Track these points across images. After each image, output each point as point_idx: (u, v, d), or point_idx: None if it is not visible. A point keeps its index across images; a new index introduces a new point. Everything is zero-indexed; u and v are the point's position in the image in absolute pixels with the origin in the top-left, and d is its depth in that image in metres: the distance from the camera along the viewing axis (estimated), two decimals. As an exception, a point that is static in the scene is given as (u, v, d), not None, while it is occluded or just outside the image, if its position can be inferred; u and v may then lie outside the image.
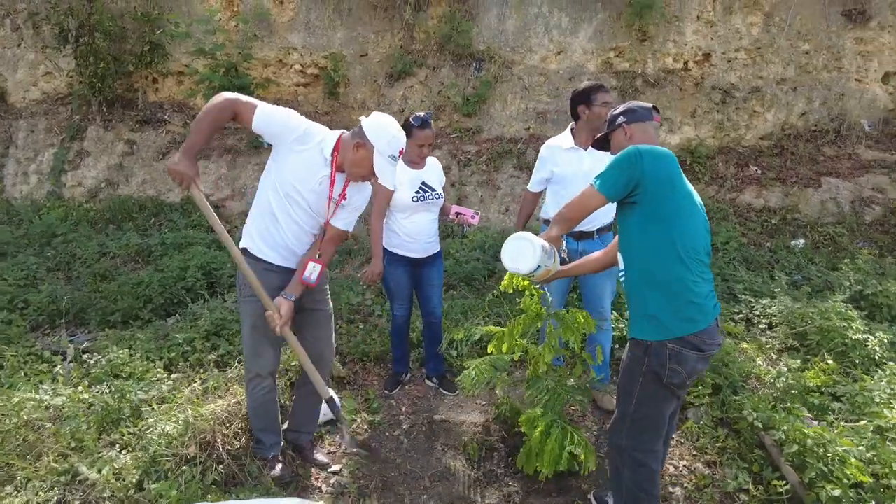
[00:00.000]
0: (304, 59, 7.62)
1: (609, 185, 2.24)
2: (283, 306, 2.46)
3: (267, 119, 2.32)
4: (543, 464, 2.58)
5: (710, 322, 2.21)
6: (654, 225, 2.21)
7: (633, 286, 2.34)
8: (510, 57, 7.48)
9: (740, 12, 7.49)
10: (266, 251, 2.52)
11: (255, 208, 2.55)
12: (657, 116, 2.47)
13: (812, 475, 2.51)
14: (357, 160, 2.36)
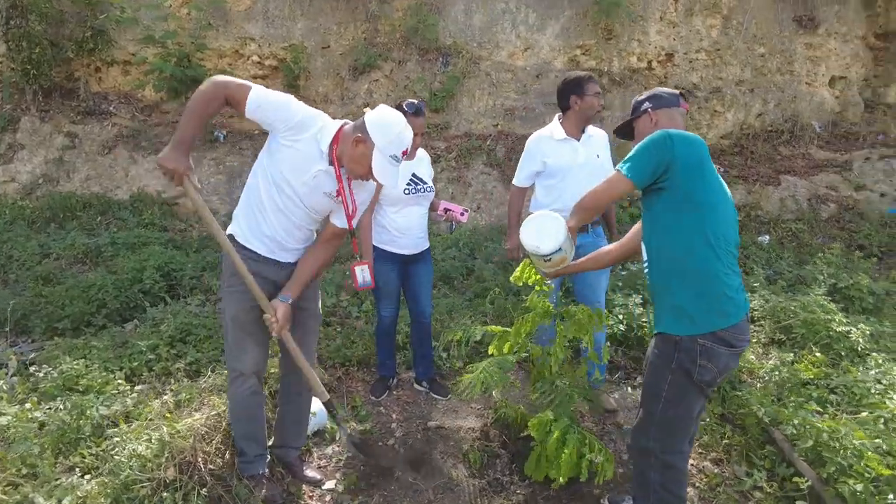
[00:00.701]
0: (263, 50, 7.25)
1: (638, 169, 2.09)
2: (280, 309, 2.26)
3: (261, 104, 2.09)
4: (559, 471, 2.42)
5: (742, 317, 2.09)
6: (684, 211, 2.07)
7: (660, 277, 2.19)
8: (477, 52, 7.36)
9: (700, 14, 7.65)
10: (251, 240, 2.30)
11: (245, 194, 2.33)
12: (684, 103, 2.36)
13: (832, 470, 2.46)
14: (356, 156, 2.14)
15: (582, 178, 3.32)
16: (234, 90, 2.07)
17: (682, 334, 2.08)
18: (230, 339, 2.38)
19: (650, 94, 2.38)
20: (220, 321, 3.52)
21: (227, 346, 2.42)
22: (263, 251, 2.31)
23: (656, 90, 2.40)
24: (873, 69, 8.38)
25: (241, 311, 2.32)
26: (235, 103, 2.08)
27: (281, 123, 2.12)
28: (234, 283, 2.30)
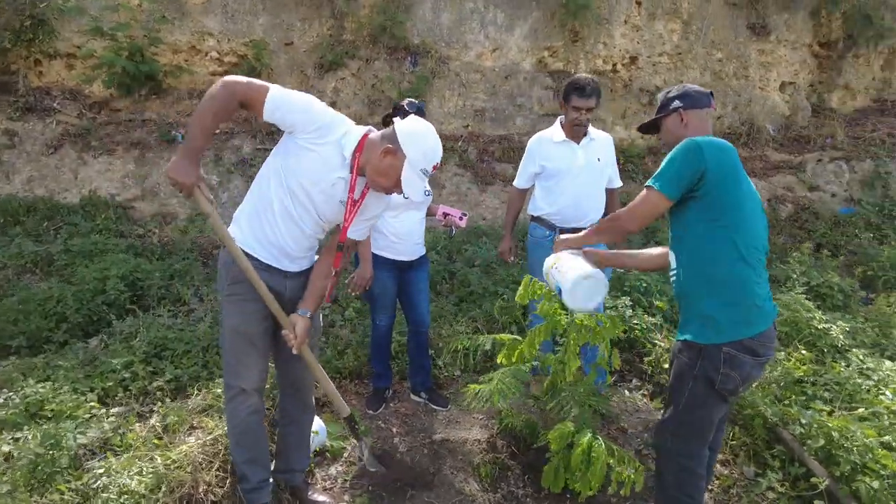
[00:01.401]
0: (222, 46, 6.90)
1: (672, 185, 2.04)
2: (300, 324, 2.12)
3: (282, 106, 1.93)
4: (584, 484, 2.34)
5: (769, 325, 2.07)
6: (716, 221, 2.04)
7: (688, 286, 2.15)
8: (446, 52, 7.25)
9: (662, 18, 7.81)
10: (255, 246, 2.12)
11: (251, 196, 2.15)
12: (713, 103, 2.30)
13: (847, 469, 2.49)
14: (383, 168, 2.00)
15: (581, 181, 3.28)
16: (250, 91, 1.91)
17: (707, 343, 2.06)
18: (230, 353, 2.18)
19: (680, 91, 2.29)
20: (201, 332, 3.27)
21: (225, 361, 2.21)
22: (266, 258, 2.13)
23: (686, 88, 2.30)
24: (818, 75, 8.80)
25: (245, 321, 2.14)
26: (251, 105, 1.92)
27: (304, 126, 1.96)
28: (236, 290, 2.12)
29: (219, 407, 2.80)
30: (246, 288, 2.09)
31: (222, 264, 2.16)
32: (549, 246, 3.32)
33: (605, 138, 3.38)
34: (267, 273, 2.13)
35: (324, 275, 2.21)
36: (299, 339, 2.10)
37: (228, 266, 2.11)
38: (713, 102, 2.30)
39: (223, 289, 2.16)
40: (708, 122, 2.26)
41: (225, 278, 2.14)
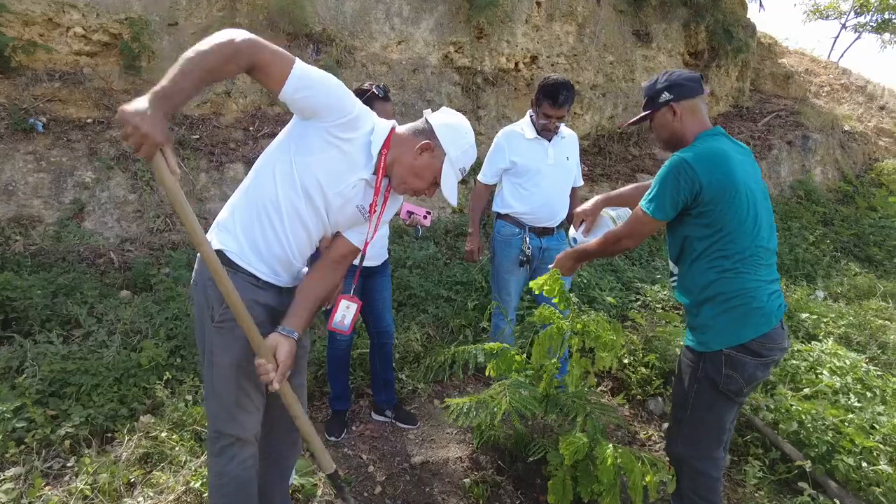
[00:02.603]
0: (89, 21, 5.90)
1: (664, 209, 2.00)
2: (283, 346, 1.64)
3: (311, 85, 1.54)
4: (615, 498, 2.21)
5: (774, 325, 2.04)
6: (706, 234, 2.01)
7: (690, 299, 2.15)
8: (350, 42, 6.85)
9: (559, 20, 8.05)
10: (252, 260, 1.70)
11: (245, 198, 1.72)
12: (706, 89, 2.22)
13: (823, 449, 2.61)
14: (418, 168, 1.71)
15: (551, 180, 3.18)
16: (274, 57, 1.49)
17: (708, 350, 2.05)
18: (226, 395, 1.74)
19: (668, 82, 2.13)
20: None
21: (217, 404, 1.76)
22: (266, 274, 1.73)
23: (674, 76, 2.14)
24: (690, 81, 9.61)
25: (247, 352, 1.69)
26: (268, 74, 1.50)
27: (332, 115, 1.58)
28: (230, 315, 1.66)
29: (163, 453, 2.28)
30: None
31: (210, 282, 1.66)
32: (517, 245, 3.20)
33: (572, 136, 3.31)
34: (263, 291, 1.73)
35: (320, 290, 1.81)
36: (282, 368, 1.63)
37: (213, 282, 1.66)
38: (705, 87, 2.24)
39: (214, 315, 1.69)
40: (702, 110, 2.14)
41: (216, 300, 1.67)
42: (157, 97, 1.36)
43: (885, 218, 7.87)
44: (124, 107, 1.35)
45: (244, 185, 1.74)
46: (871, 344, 4.13)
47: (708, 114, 2.21)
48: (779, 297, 2.11)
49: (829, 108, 10.37)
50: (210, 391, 1.76)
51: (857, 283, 5.74)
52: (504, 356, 2.61)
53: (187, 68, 1.39)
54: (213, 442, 1.79)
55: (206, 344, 1.73)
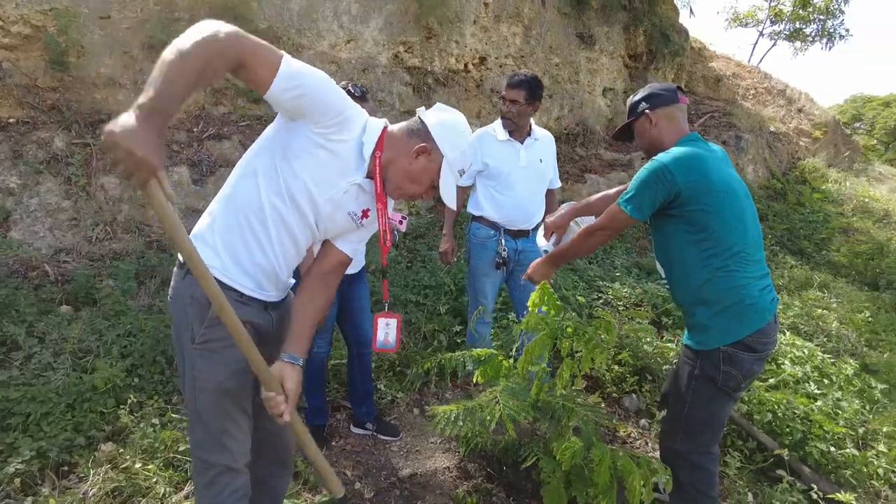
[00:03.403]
0: (8, 12, 5.41)
1: (640, 206, 2.07)
2: (291, 376, 1.55)
3: (302, 83, 1.39)
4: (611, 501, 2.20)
5: (768, 320, 2.11)
6: (695, 238, 2.07)
7: (679, 298, 2.23)
8: (297, 40, 6.62)
9: (506, 21, 8.11)
10: (235, 275, 1.56)
11: (225, 207, 1.57)
12: (683, 97, 2.30)
13: (797, 437, 2.72)
14: (414, 171, 1.61)
15: (524, 183, 3.16)
16: (260, 53, 1.34)
17: (705, 349, 2.11)
18: (213, 422, 1.59)
19: (646, 93, 2.27)
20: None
21: (202, 431, 1.60)
22: (250, 288, 1.59)
23: (651, 87, 2.29)
24: (630, 83, 9.94)
25: (233, 374, 1.57)
26: (255, 74, 1.35)
27: (324, 115, 1.46)
28: (216, 335, 1.54)
29: (136, 486, 2.08)
30: (222, 332, 1.51)
31: (190, 300, 1.54)
32: (493, 247, 3.15)
33: (547, 138, 3.29)
34: (248, 308, 1.58)
35: (315, 308, 1.70)
36: (292, 399, 1.55)
37: (202, 303, 1.51)
38: (682, 96, 2.31)
39: (195, 335, 1.54)
40: (679, 118, 2.24)
41: (197, 319, 1.53)
42: (145, 112, 1.17)
43: (812, 213, 8.42)
44: (110, 128, 1.16)
45: (224, 193, 1.60)
46: (818, 333, 4.37)
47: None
48: (770, 291, 2.17)
49: (756, 110, 10.99)
50: (195, 417, 1.61)
51: (795, 275, 6.08)
52: (492, 362, 2.56)
53: (172, 75, 1.22)
54: (200, 473, 1.63)
55: (188, 366, 1.57)
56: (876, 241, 8.16)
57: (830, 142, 12.01)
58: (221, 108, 6.04)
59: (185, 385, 1.61)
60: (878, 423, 3.07)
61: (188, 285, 1.53)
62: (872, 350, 4.51)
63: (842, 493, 2.42)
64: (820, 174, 10.18)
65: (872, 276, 6.86)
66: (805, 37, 19.27)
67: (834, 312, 5.05)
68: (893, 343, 4.75)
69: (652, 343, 3.85)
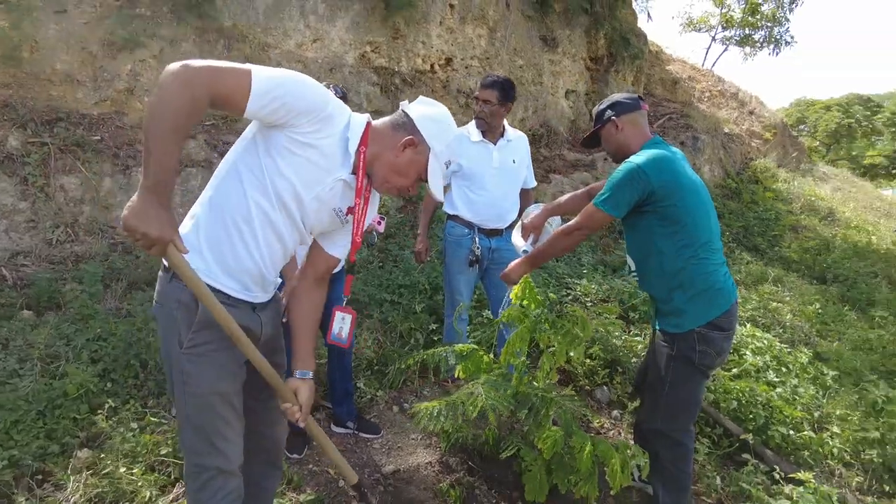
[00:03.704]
0: (-44, 5, 5.19)
1: (618, 207, 2.24)
2: (304, 391, 1.69)
3: (278, 96, 1.40)
4: (594, 488, 2.29)
5: (732, 301, 2.33)
6: (669, 231, 2.24)
7: (653, 288, 2.38)
8: (263, 39, 6.54)
9: (472, 23, 8.20)
10: (222, 277, 1.57)
11: (209, 210, 1.57)
12: (644, 104, 2.47)
13: (760, 422, 2.87)
14: (401, 165, 1.64)
15: (496, 183, 3.23)
16: (226, 82, 1.35)
17: (681, 331, 2.28)
18: (205, 426, 1.59)
19: (610, 102, 2.45)
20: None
21: (194, 435, 1.60)
22: (236, 290, 1.60)
23: (615, 96, 2.48)
24: (591, 85, 10.18)
25: (223, 377, 1.58)
26: (227, 101, 1.37)
27: (306, 118, 1.46)
28: (204, 339, 1.55)
29: (120, 491, 2.05)
30: (216, 334, 1.54)
31: (177, 304, 1.53)
32: (468, 245, 3.22)
33: (521, 139, 3.37)
34: (237, 311, 1.58)
35: (313, 316, 1.76)
36: (306, 409, 1.67)
37: (189, 306, 1.52)
38: (643, 104, 2.49)
39: (182, 340, 1.54)
40: (642, 122, 2.43)
41: (184, 323, 1.53)
42: (150, 193, 1.31)
43: (764, 211, 8.80)
44: (125, 217, 1.31)
45: (206, 196, 1.59)
46: (775, 324, 4.59)
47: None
48: (730, 276, 2.39)
49: (711, 112, 11.40)
50: (185, 422, 1.60)
51: (751, 270, 6.36)
52: (474, 357, 2.62)
53: (157, 146, 1.29)
54: (193, 477, 1.63)
55: (176, 371, 1.57)
56: (822, 237, 8.60)
57: (779, 143, 12.56)
58: (185, 107, 5.92)
59: (174, 390, 1.60)
60: (830, 407, 3.27)
61: (175, 289, 1.53)
62: (823, 339, 4.77)
63: (801, 473, 2.57)
64: (771, 174, 10.66)
65: (820, 270, 7.24)
66: (754, 42, 20.10)
67: (787, 305, 5.31)
68: (841, 333, 5.03)
69: (620, 337, 3.98)
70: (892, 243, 9.63)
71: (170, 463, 2.32)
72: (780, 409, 2.96)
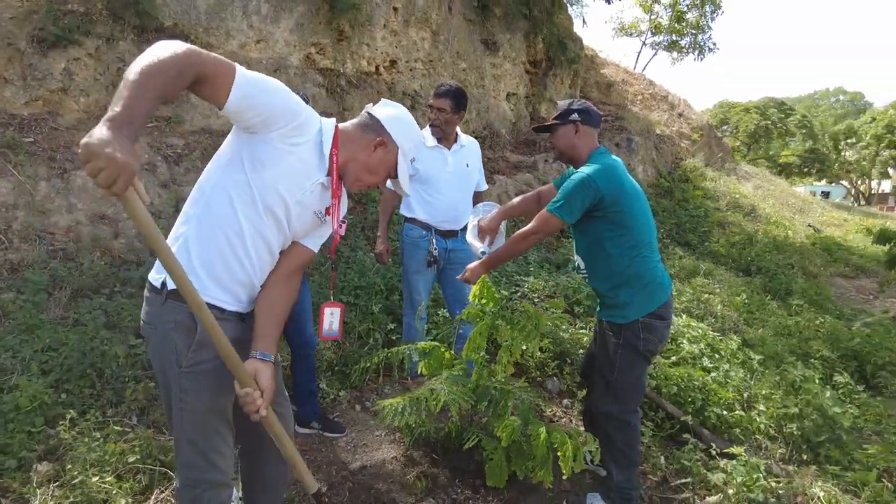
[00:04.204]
0: None
1: (570, 213, 2.45)
2: (264, 372, 1.59)
3: (257, 92, 1.46)
4: (548, 473, 2.45)
5: (669, 294, 2.60)
6: (616, 234, 2.48)
7: (600, 284, 2.60)
8: (205, 39, 6.41)
9: (415, 26, 8.30)
10: (215, 292, 1.60)
11: (199, 228, 1.59)
12: (600, 126, 2.70)
13: (698, 405, 3.14)
14: (373, 164, 1.73)
15: (451, 187, 3.36)
16: (215, 67, 1.39)
17: (626, 321, 2.50)
18: (201, 440, 1.63)
19: (582, 107, 2.64)
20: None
21: (191, 451, 1.64)
22: (229, 303, 1.64)
23: (587, 105, 2.67)
24: (531, 89, 10.49)
25: (220, 393, 1.63)
26: (213, 86, 1.40)
27: (283, 121, 1.52)
28: (203, 357, 1.58)
29: (93, 500, 2.03)
30: (214, 351, 1.55)
31: (174, 325, 1.56)
32: (425, 247, 3.34)
33: (473, 144, 3.52)
34: (228, 324, 1.62)
35: (284, 306, 1.75)
36: (267, 395, 1.59)
37: (188, 326, 1.55)
38: (600, 125, 2.72)
39: (181, 360, 1.57)
40: (595, 139, 2.66)
41: (183, 344, 1.56)
42: (116, 124, 1.19)
43: (695, 209, 9.37)
44: (87, 140, 1.16)
45: (193, 214, 1.61)
46: (707, 315, 4.96)
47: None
48: (665, 270, 2.65)
49: (643, 114, 11.98)
50: (182, 438, 1.64)
51: (684, 264, 6.79)
52: (436, 354, 2.74)
53: (137, 91, 1.24)
54: (186, 490, 1.68)
55: (173, 389, 1.60)
56: (746, 232, 9.25)
57: (706, 144, 13.35)
58: (124, 108, 5.73)
59: (169, 406, 1.63)
60: (757, 388, 3.59)
61: (170, 310, 1.56)
62: (749, 327, 5.18)
63: (734, 448, 2.84)
64: (699, 173, 11.33)
65: (745, 263, 7.81)
66: (681, 48, 21.23)
67: (718, 296, 5.72)
68: (764, 320, 5.47)
69: (567, 330, 4.20)
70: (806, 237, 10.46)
71: (141, 470, 2.31)
72: (714, 391, 3.25)
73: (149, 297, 1.62)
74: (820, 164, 38.96)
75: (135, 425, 2.69)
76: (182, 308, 1.50)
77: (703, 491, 2.81)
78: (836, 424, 3.16)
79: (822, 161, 38.78)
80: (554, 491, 2.72)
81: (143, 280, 4.20)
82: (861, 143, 38.32)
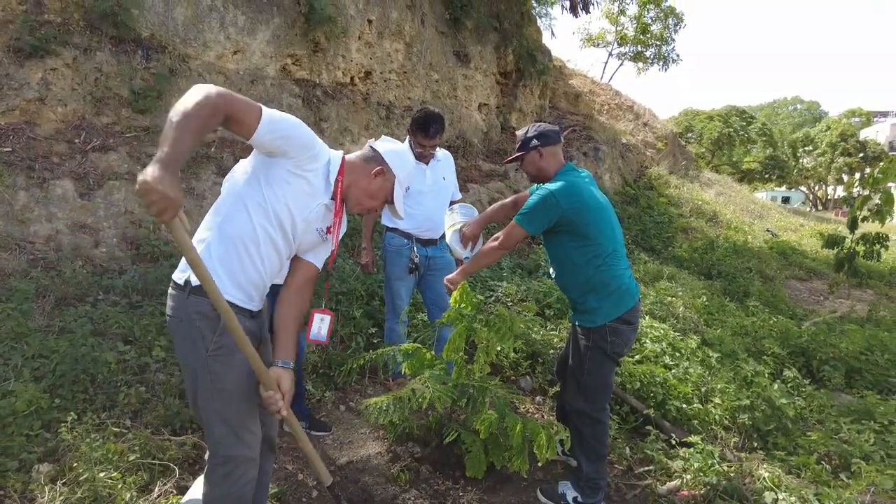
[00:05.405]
0: None
1: (534, 225, 2.67)
2: (285, 378, 1.90)
3: (280, 129, 1.75)
4: (524, 462, 2.66)
5: (636, 299, 2.79)
6: (579, 245, 2.69)
7: (570, 291, 2.83)
8: (182, 49, 6.49)
9: (389, 38, 8.51)
10: (232, 290, 1.85)
11: (219, 234, 1.84)
12: (562, 138, 2.91)
13: (659, 399, 3.39)
14: (373, 190, 2.00)
15: (430, 200, 3.56)
16: (244, 107, 1.66)
17: (594, 326, 2.71)
18: (233, 416, 1.86)
19: (538, 132, 2.83)
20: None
21: (223, 428, 1.85)
22: (242, 300, 1.89)
23: (542, 128, 2.85)
24: (502, 99, 10.79)
25: (244, 372, 1.85)
26: (239, 123, 1.67)
27: (301, 151, 1.80)
28: (226, 341, 1.81)
29: (98, 496, 2.16)
30: (231, 338, 1.78)
31: (198, 315, 1.80)
32: (406, 254, 3.54)
33: (447, 157, 3.73)
34: (241, 318, 1.84)
35: (294, 316, 2.02)
36: (287, 397, 1.89)
37: (211, 316, 1.78)
38: (562, 137, 2.94)
39: (208, 346, 1.80)
40: (560, 154, 2.87)
41: (209, 331, 1.80)
42: (165, 163, 1.43)
43: (659, 215, 9.78)
44: (145, 178, 1.40)
45: (215, 222, 1.86)
46: (669, 316, 5.26)
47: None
48: (633, 278, 2.86)
49: (610, 124, 12.40)
50: (214, 417, 1.85)
51: (649, 269, 7.12)
52: (418, 355, 2.93)
53: (180, 134, 1.49)
54: (217, 468, 1.87)
55: (203, 373, 1.82)
56: (708, 237, 9.69)
57: (670, 152, 13.86)
58: (104, 118, 5.79)
59: (197, 392, 1.84)
60: (714, 383, 3.86)
61: (195, 303, 1.79)
62: (709, 327, 5.50)
63: (692, 437, 3.10)
64: (664, 181, 11.78)
65: (707, 267, 8.20)
66: (646, 59, 21.91)
67: (680, 299, 6.04)
68: (723, 321, 5.81)
69: (539, 332, 4.44)
70: (764, 242, 10.97)
71: (142, 467, 2.44)
72: (674, 387, 3.51)
73: (173, 293, 1.85)
74: (780, 171, 40.47)
75: (130, 427, 2.81)
76: (204, 301, 1.74)
77: (664, 477, 3.06)
78: (783, 414, 3.46)
79: (782, 168, 40.30)
80: (528, 480, 2.93)
81: (125, 288, 4.30)
82: (817, 150, 39.96)
